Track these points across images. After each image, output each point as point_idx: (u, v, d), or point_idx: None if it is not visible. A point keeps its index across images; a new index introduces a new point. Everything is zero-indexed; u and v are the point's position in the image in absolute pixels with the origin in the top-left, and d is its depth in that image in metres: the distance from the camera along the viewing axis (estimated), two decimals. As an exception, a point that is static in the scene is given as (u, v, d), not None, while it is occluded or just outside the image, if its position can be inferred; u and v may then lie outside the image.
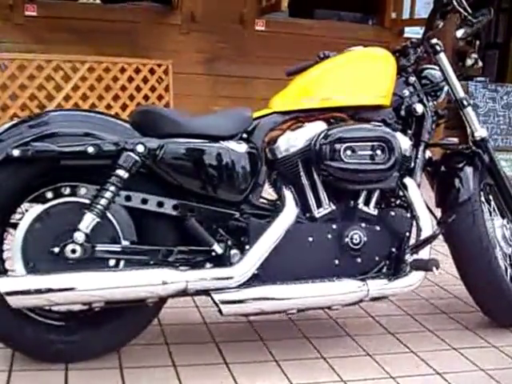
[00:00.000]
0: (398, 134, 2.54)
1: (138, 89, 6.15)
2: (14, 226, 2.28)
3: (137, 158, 2.20)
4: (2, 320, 2.23)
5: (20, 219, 2.25)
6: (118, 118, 2.43)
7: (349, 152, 2.42)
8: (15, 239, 2.19)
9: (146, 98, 6.20)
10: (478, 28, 2.73)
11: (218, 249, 2.30)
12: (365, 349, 2.59)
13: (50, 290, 2.10)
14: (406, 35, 6.45)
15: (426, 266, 2.41)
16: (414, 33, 6.19)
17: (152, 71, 6.20)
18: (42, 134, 2.17)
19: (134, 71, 6.12)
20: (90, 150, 2.17)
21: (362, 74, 2.58)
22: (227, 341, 2.60)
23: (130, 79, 6.11)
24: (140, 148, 2.21)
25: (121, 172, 2.20)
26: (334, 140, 2.42)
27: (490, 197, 2.92)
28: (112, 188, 2.19)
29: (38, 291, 2.10)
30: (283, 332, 2.70)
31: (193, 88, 6.45)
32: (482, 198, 2.81)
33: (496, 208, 2.92)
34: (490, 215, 2.87)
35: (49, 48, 5.85)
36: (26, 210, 2.24)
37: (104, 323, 2.34)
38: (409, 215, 2.57)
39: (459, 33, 2.74)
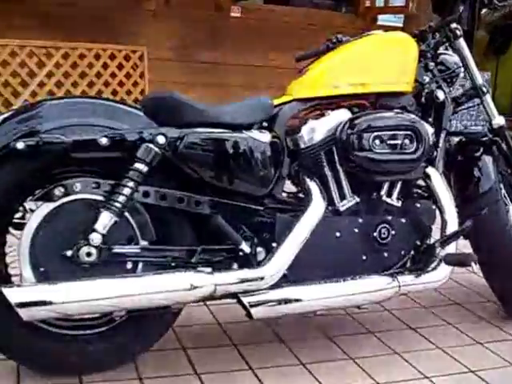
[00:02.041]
0: (424, 122, 2.28)
1: (113, 75, 5.77)
2: (17, 226, 1.95)
3: (157, 150, 1.90)
4: (8, 331, 1.91)
5: (23, 219, 1.93)
6: (129, 105, 2.10)
7: (378, 141, 2.16)
8: (22, 242, 1.86)
9: (121, 84, 5.82)
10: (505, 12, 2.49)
11: (245, 247, 2.02)
12: (391, 347, 2.35)
13: (67, 301, 1.78)
14: (379, 23, 6.19)
15: (465, 260, 2.17)
16: (387, 20, 5.96)
17: (127, 58, 5.81)
18: (47, 125, 1.85)
19: (109, 57, 5.72)
20: (104, 141, 1.85)
21: (385, 59, 2.31)
22: (247, 343, 2.32)
23: (105, 66, 5.72)
24: (161, 139, 1.90)
25: (140, 166, 1.89)
26: (362, 129, 2.16)
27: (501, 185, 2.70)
28: (131, 183, 1.88)
29: (54, 302, 1.77)
30: (303, 331, 2.43)
31: (168, 75, 6.06)
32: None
33: (507, 196, 2.70)
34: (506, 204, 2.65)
35: (22, 34, 5.40)
36: (31, 210, 1.91)
37: (120, 332, 2.03)
38: (433, 206, 2.32)
39: (487, 17, 2.50)
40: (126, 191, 1.88)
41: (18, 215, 1.97)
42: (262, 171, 2.06)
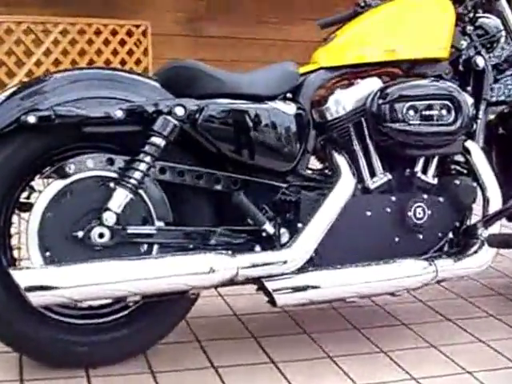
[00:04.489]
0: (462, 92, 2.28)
1: (115, 53, 5.83)
2: (23, 206, 1.98)
3: (176, 122, 1.91)
4: (9, 318, 1.93)
5: (30, 198, 1.95)
6: (143, 75, 2.12)
7: (412, 112, 2.17)
8: (30, 222, 1.87)
9: (123, 62, 5.87)
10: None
11: (269, 228, 2.03)
12: (426, 339, 2.34)
13: (79, 284, 1.80)
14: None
15: (511, 241, 2.17)
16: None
17: (129, 33, 5.88)
18: (58, 98, 1.87)
19: (111, 33, 5.79)
20: (119, 114, 1.87)
21: (419, 23, 2.31)
22: (267, 335, 2.32)
23: (106, 42, 5.77)
24: (179, 111, 1.92)
25: (157, 140, 1.90)
26: (394, 99, 2.16)
27: None
28: (147, 159, 1.90)
29: (65, 286, 1.79)
30: (328, 322, 2.44)
31: (173, 51, 6.04)
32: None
33: None
34: None
35: (18, 10, 5.43)
36: (38, 190, 1.93)
37: (131, 321, 2.05)
38: (474, 184, 2.32)
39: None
40: (143, 167, 1.89)
41: (24, 195, 2.00)
42: (286, 145, 2.07)
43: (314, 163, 2.31)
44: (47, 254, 1.88)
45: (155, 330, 2.10)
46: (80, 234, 1.88)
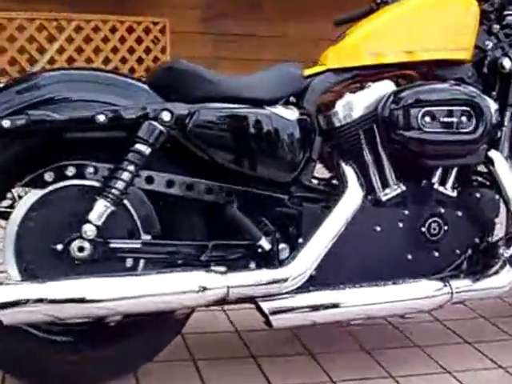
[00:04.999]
0: (485, 96, 2.12)
1: (131, 50, 5.73)
2: (2, 215, 1.87)
3: (162, 128, 1.78)
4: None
5: (10, 207, 1.84)
6: (131, 77, 2.00)
7: (428, 118, 2.01)
8: (6, 233, 1.77)
9: (140, 60, 5.79)
10: None
11: (265, 244, 1.89)
12: (440, 363, 2.19)
13: (54, 301, 1.68)
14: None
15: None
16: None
17: (147, 30, 5.79)
18: (38, 100, 1.75)
19: (127, 30, 5.70)
20: (101, 118, 1.75)
21: (439, 22, 2.14)
22: (268, 355, 2.20)
23: (122, 40, 5.69)
24: (166, 116, 1.79)
25: (141, 147, 1.78)
26: (408, 104, 2.01)
27: None
28: (130, 167, 1.77)
29: (39, 303, 1.67)
30: (335, 343, 2.30)
31: (192, 49, 5.94)
32: None
33: None
34: None
35: (31, 6, 5.36)
36: (19, 196, 1.82)
37: (119, 338, 1.93)
38: (497, 197, 2.16)
39: None
40: (125, 176, 1.77)
41: (6, 203, 1.88)
42: (287, 154, 1.94)
43: (324, 172, 2.17)
44: (25, 267, 1.78)
45: (145, 348, 1.98)
46: (59, 247, 1.77)
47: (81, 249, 1.76)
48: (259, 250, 1.89)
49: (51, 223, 1.78)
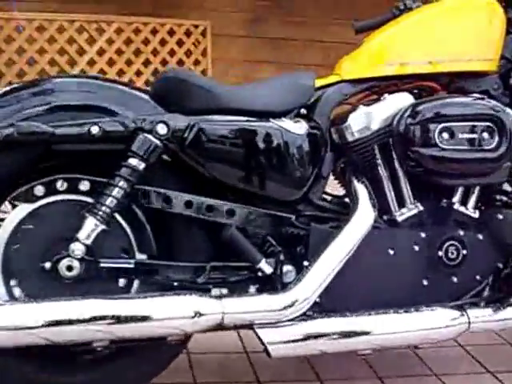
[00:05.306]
0: (509, 111, 1.97)
1: (172, 53, 5.68)
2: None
3: (157, 142, 1.69)
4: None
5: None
6: (133, 87, 1.91)
7: (446, 135, 1.87)
8: (-6, 250, 1.70)
9: (181, 63, 5.72)
10: None
11: (266, 267, 1.78)
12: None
13: (39, 325, 1.59)
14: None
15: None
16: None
17: (188, 33, 5.72)
18: (29, 110, 1.67)
19: (168, 33, 5.64)
20: (94, 130, 1.67)
21: (462, 31, 2.00)
22: (275, 380, 2.09)
23: (163, 42, 5.64)
24: (161, 128, 1.70)
25: (135, 161, 1.68)
26: (426, 118, 1.87)
27: None
28: (122, 183, 1.68)
29: (23, 326, 1.59)
30: (348, 369, 2.17)
31: (233, 52, 5.92)
32: None
33: None
34: None
35: (71, 7, 5.35)
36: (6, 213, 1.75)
37: (113, 361, 1.83)
38: (522, 219, 2.01)
39: None
40: (116, 193, 1.68)
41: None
42: (293, 170, 1.83)
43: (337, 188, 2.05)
44: (12, 286, 1.71)
45: (143, 370, 1.87)
46: (48, 265, 1.69)
47: (69, 268, 1.68)
48: (259, 274, 1.78)
49: (40, 240, 1.71)
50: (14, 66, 5.01)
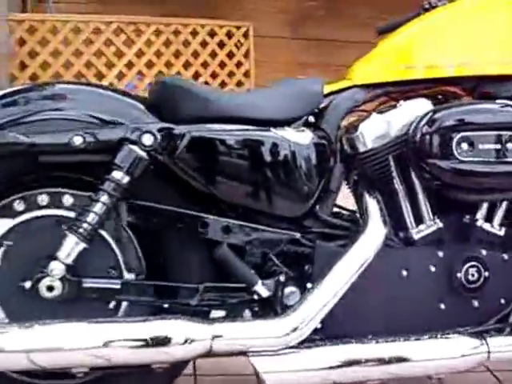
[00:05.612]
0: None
1: (213, 55, 5.56)
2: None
3: (142, 153, 1.58)
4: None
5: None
6: (130, 95, 1.79)
7: (465, 145, 1.71)
8: (-28, 268, 1.61)
9: (222, 65, 5.61)
10: None
11: (262, 290, 1.65)
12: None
13: (16, 350, 1.50)
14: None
15: None
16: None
17: (229, 34, 5.60)
18: (10, 119, 1.58)
19: (209, 34, 5.53)
20: (78, 141, 1.56)
21: (488, 30, 1.84)
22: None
23: (204, 44, 5.53)
24: (147, 139, 1.58)
25: (118, 174, 1.58)
26: (442, 127, 1.71)
27: None
28: (104, 198, 1.57)
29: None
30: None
31: (277, 54, 5.80)
32: None
33: None
34: None
35: (108, 8, 5.30)
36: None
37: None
38: (553, 238, 1.83)
39: None
40: (99, 208, 1.57)
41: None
42: (297, 184, 1.70)
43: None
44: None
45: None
46: (27, 284, 1.59)
47: (50, 288, 1.58)
48: (255, 297, 1.65)
49: (20, 258, 1.62)
50: (49, 68, 4.98)
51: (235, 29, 5.62)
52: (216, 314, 1.67)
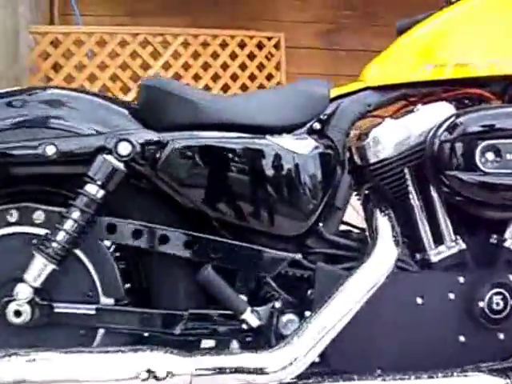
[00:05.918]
0: None
1: (243, 67, 5.43)
2: None
3: (118, 164, 1.42)
4: None
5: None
6: (118, 101, 1.63)
7: (491, 155, 1.51)
8: None
9: (253, 77, 5.47)
10: None
11: (251, 318, 1.46)
12: None
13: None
14: None
15: None
16: None
17: (260, 45, 5.47)
18: None
19: (238, 46, 5.40)
20: (50, 151, 1.42)
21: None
22: None
23: (233, 55, 5.39)
24: (124, 148, 1.42)
25: (92, 188, 1.42)
26: (465, 133, 1.52)
27: None
28: (77, 215, 1.42)
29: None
30: None
31: (309, 65, 5.64)
32: None
33: None
34: None
35: (136, 20, 5.20)
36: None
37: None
38: None
39: None
40: (70, 226, 1.41)
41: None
42: (295, 199, 1.52)
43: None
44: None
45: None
46: None
47: (18, 313, 1.43)
48: (243, 327, 1.46)
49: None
50: (73, 82, 4.89)
51: (266, 39, 5.49)
52: (206, 344, 1.51)
